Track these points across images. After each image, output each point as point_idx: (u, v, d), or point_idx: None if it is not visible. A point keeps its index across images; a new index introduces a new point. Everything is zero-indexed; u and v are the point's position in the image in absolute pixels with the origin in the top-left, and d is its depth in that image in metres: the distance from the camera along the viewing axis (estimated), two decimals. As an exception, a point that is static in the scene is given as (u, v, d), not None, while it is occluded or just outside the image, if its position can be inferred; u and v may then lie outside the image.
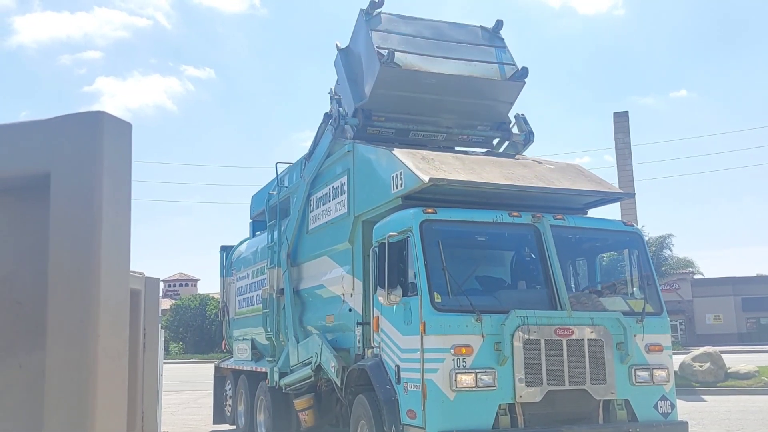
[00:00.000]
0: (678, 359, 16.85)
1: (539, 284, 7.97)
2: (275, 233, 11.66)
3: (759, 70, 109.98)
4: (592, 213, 8.88)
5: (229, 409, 13.88)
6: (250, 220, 14.54)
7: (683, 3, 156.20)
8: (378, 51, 9.27)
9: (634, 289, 8.52)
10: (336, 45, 10.50)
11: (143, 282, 2.18)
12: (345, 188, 9.42)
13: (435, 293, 7.10)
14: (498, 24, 10.49)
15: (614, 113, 25.03)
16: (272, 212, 12.08)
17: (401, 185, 7.88)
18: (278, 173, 12.06)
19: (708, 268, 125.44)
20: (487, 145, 10.42)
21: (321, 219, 10.26)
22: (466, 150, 10.08)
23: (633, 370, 7.43)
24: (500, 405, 6.88)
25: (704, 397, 17.97)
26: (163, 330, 30.05)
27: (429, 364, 6.88)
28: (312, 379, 9.79)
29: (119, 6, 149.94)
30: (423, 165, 7.80)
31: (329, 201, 9.98)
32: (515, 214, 7.74)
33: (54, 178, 1.18)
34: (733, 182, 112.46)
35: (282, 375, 10.73)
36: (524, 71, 9.87)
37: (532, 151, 10.21)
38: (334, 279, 9.56)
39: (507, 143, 10.34)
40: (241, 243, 14.75)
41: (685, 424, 7.66)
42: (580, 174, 8.86)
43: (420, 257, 7.25)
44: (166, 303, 61.68)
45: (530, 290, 8.24)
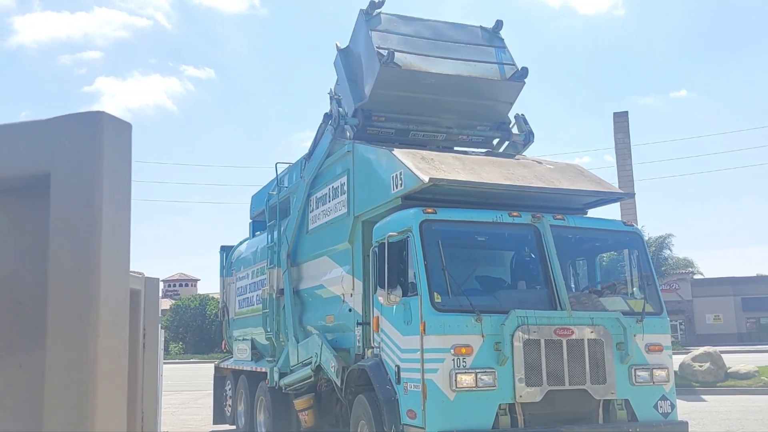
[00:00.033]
0: (678, 359, 16.84)
1: (539, 284, 7.96)
2: (275, 233, 11.65)
3: (759, 70, 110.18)
4: (592, 213, 8.89)
5: (229, 410, 13.87)
6: (250, 220, 14.54)
7: (683, 3, 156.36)
8: (378, 51, 9.26)
9: (634, 289, 8.52)
10: (336, 45, 10.50)
11: (143, 282, 2.18)
12: (345, 188, 9.41)
13: (435, 293, 7.10)
14: (498, 24, 10.49)
15: (614, 113, 25.05)
16: (272, 212, 12.08)
17: (401, 185, 7.88)
18: (278, 173, 12.05)
19: (708, 268, 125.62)
20: (487, 145, 10.41)
21: (321, 219, 10.25)
22: (466, 150, 10.08)
23: (633, 370, 7.43)
24: (500, 405, 6.88)
25: (704, 397, 17.97)
26: (163, 330, 30.05)
27: (429, 364, 6.88)
28: (312, 379, 9.78)
29: (119, 6, 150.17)
30: (423, 165, 7.80)
31: (329, 201, 9.98)
32: (515, 214, 7.74)
33: (54, 178, 1.18)
34: (733, 182, 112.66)
35: (282, 375, 10.73)
36: (524, 71, 9.87)
37: (532, 151, 10.22)
38: (334, 279, 9.56)
39: (507, 143, 10.33)
40: (241, 243, 14.74)
41: (685, 424, 7.66)
42: (580, 174, 8.86)
43: (420, 257, 7.25)
44: (166, 303, 61.72)
45: (530, 290, 8.24)
